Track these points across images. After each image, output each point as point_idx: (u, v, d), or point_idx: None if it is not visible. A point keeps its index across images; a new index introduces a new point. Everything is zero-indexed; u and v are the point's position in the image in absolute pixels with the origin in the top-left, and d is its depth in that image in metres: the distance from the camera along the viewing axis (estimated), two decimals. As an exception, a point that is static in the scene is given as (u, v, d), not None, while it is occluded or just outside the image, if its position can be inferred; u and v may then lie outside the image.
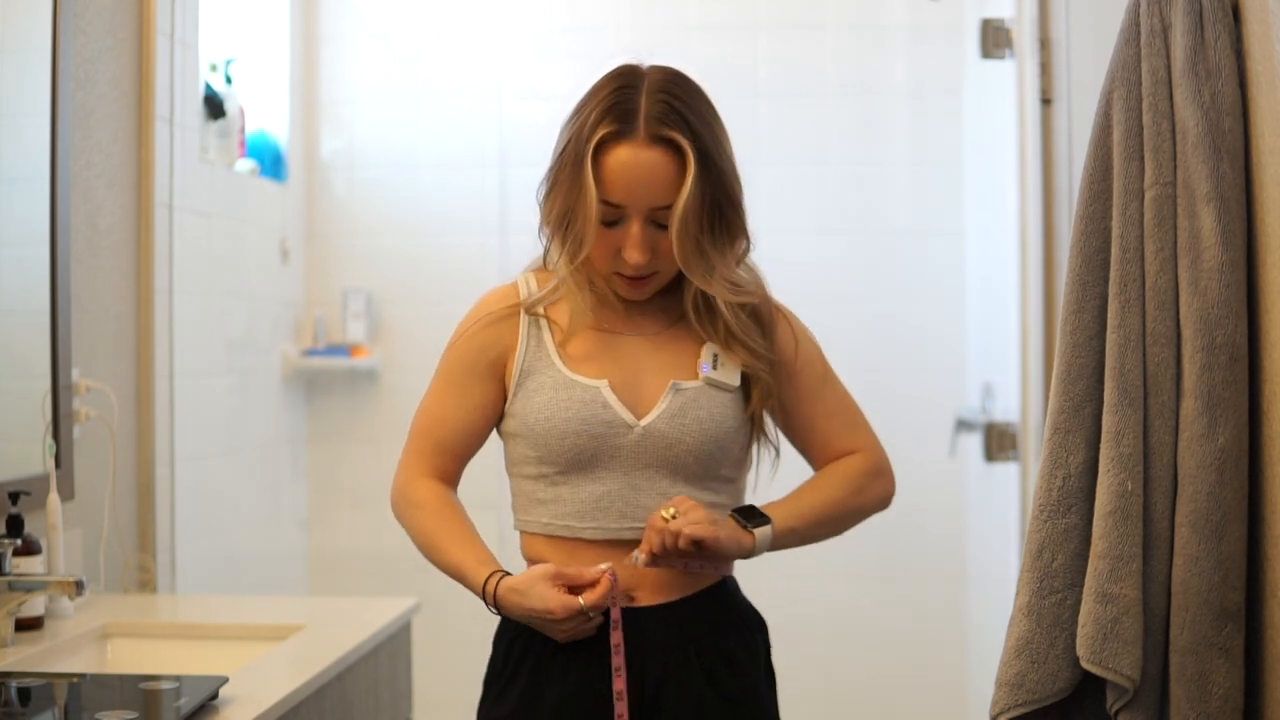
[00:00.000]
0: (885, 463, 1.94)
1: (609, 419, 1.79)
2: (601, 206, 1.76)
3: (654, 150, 1.76)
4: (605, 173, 1.76)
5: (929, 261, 3.82)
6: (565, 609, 1.73)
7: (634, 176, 1.76)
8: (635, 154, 1.76)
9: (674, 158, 1.76)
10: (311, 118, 3.90)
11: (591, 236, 1.77)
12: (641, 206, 1.77)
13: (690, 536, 1.73)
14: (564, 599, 1.73)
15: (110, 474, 2.64)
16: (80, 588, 2.08)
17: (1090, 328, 1.55)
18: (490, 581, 1.77)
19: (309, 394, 3.89)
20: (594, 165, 1.76)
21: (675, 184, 1.76)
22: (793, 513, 1.85)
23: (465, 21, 3.89)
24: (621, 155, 1.76)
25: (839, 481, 1.90)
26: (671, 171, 1.76)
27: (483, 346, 1.86)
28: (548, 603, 1.73)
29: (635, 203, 1.76)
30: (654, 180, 1.76)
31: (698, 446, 1.80)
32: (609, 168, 1.76)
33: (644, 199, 1.76)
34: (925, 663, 3.77)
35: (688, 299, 1.85)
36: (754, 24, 3.86)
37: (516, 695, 1.81)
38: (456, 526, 1.85)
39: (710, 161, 1.77)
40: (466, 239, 3.82)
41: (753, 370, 1.84)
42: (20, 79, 2.42)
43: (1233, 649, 1.46)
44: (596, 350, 1.84)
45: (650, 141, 1.76)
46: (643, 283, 1.82)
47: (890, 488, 1.94)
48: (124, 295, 2.78)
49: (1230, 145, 1.47)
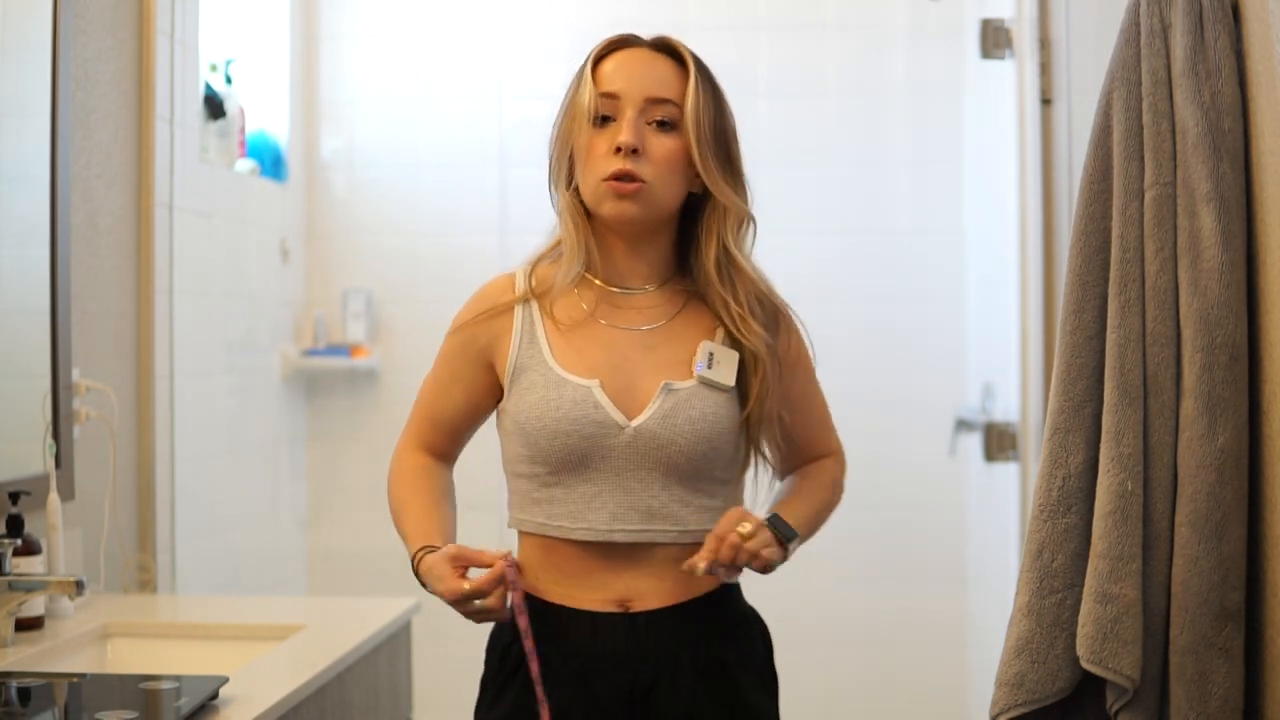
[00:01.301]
0: (845, 463, 1.97)
1: (600, 419, 1.77)
2: (597, 100, 1.77)
3: (655, 53, 1.81)
4: (601, 71, 1.80)
5: (929, 261, 3.82)
6: (451, 593, 1.70)
7: (631, 66, 1.79)
8: (635, 53, 1.81)
9: (675, 64, 1.81)
10: (311, 118, 3.90)
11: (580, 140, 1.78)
12: (636, 94, 1.77)
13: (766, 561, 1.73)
14: (452, 583, 1.70)
15: (110, 474, 2.64)
16: (80, 588, 2.08)
17: (1090, 328, 1.55)
18: (417, 556, 1.77)
19: (309, 394, 3.89)
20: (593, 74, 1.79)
21: (675, 84, 1.79)
22: (803, 519, 1.85)
23: (465, 21, 3.89)
24: (621, 55, 1.81)
25: (824, 490, 1.91)
26: (671, 72, 1.80)
27: (474, 335, 1.86)
28: (442, 584, 1.71)
29: (631, 89, 1.78)
30: (652, 71, 1.79)
31: (689, 447, 1.78)
32: (606, 66, 1.81)
33: (640, 86, 1.78)
34: (925, 663, 3.77)
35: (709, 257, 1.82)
36: (754, 24, 3.87)
37: (510, 702, 1.81)
38: (421, 499, 1.84)
39: (713, 84, 1.81)
40: (466, 239, 3.82)
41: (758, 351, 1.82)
42: (20, 79, 2.41)
43: (1233, 649, 1.46)
44: (589, 347, 1.82)
45: (652, 47, 1.82)
46: (632, 188, 1.76)
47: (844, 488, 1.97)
48: (124, 295, 2.78)
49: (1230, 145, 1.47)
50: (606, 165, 1.76)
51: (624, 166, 1.75)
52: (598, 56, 1.81)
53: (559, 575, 1.81)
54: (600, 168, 1.77)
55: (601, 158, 1.77)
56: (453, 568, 1.71)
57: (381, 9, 3.89)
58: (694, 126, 1.77)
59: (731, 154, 1.83)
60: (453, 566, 1.71)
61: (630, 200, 1.77)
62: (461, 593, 1.69)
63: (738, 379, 1.83)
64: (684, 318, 1.86)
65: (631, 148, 1.75)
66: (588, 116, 1.77)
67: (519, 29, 3.87)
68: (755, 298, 1.84)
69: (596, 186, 1.78)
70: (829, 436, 1.95)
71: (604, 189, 1.77)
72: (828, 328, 2.05)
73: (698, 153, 1.77)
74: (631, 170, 1.76)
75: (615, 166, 1.76)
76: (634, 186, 1.76)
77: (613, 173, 1.76)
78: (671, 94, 1.78)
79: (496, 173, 3.75)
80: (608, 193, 1.77)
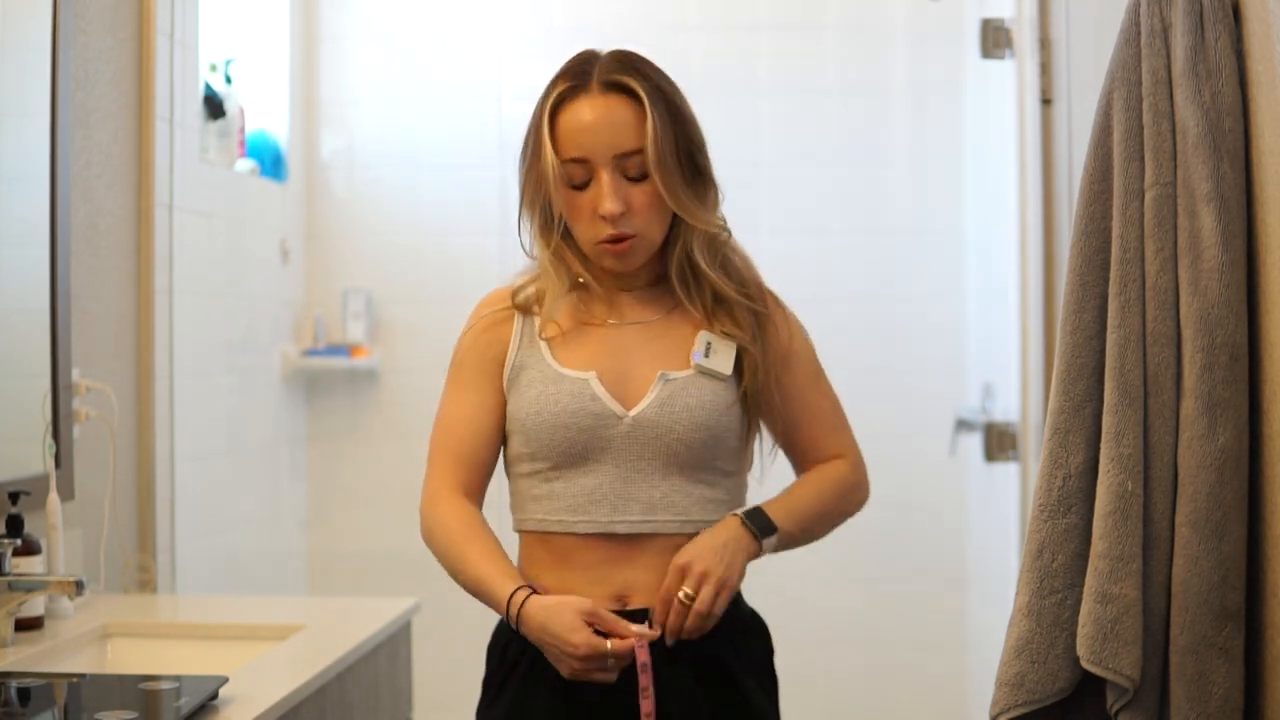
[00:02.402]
0: (864, 469, 1.95)
1: (598, 410, 1.78)
2: (566, 168, 1.76)
3: (609, 96, 1.77)
4: (562, 131, 1.77)
5: (929, 261, 3.82)
6: (590, 647, 1.68)
7: (591, 124, 1.76)
8: (590, 102, 1.77)
9: (631, 102, 1.77)
10: (311, 118, 3.90)
11: (559, 201, 1.77)
12: (605, 154, 1.76)
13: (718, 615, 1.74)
14: (591, 638, 1.69)
15: (110, 474, 2.64)
16: (80, 588, 2.08)
17: (1090, 328, 1.55)
18: (518, 595, 1.73)
19: (309, 394, 3.89)
20: (552, 129, 1.77)
21: (636, 129, 1.76)
22: (792, 517, 1.84)
23: (465, 21, 3.89)
24: (577, 108, 1.77)
25: (830, 488, 1.90)
26: (630, 115, 1.76)
27: (482, 350, 1.87)
28: (574, 634, 1.68)
29: (598, 152, 1.76)
30: (612, 125, 1.76)
31: (688, 435, 1.78)
32: (565, 125, 1.77)
33: (606, 146, 1.76)
34: (925, 663, 3.77)
35: (673, 263, 1.84)
36: (754, 24, 3.86)
37: (509, 700, 1.81)
38: (480, 543, 1.79)
39: (670, 104, 1.78)
40: (466, 239, 3.82)
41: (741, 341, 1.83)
42: (20, 79, 2.41)
43: (1233, 649, 1.46)
44: (588, 343, 1.83)
45: (604, 89, 1.77)
46: (625, 246, 1.79)
47: (866, 495, 1.96)
48: (124, 295, 2.78)
49: (1230, 145, 1.47)
50: (596, 230, 1.78)
51: (613, 232, 1.78)
52: (552, 110, 1.78)
53: (558, 569, 1.81)
54: (590, 232, 1.79)
55: (588, 222, 1.79)
56: (585, 622, 1.70)
57: (381, 9, 3.89)
58: (660, 173, 1.76)
59: (699, 166, 1.82)
60: (583, 618, 1.70)
61: (626, 257, 1.81)
62: (602, 651, 1.68)
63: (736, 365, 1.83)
64: (681, 310, 1.87)
65: (617, 215, 1.76)
66: (561, 183, 1.78)
67: (519, 29, 3.87)
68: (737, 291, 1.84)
69: (592, 248, 1.81)
70: (839, 438, 1.93)
71: (600, 251, 1.80)
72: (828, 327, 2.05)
73: (668, 195, 1.77)
74: (622, 233, 1.78)
75: (606, 232, 1.78)
76: (626, 245, 1.79)
77: (604, 238, 1.78)
78: (636, 142, 1.77)
79: (496, 173, 3.75)
80: (605, 254, 1.80)
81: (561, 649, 1.70)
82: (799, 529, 1.86)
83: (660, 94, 1.78)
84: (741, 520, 1.80)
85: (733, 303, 1.84)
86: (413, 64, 3.89)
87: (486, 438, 1.85)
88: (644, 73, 1.79)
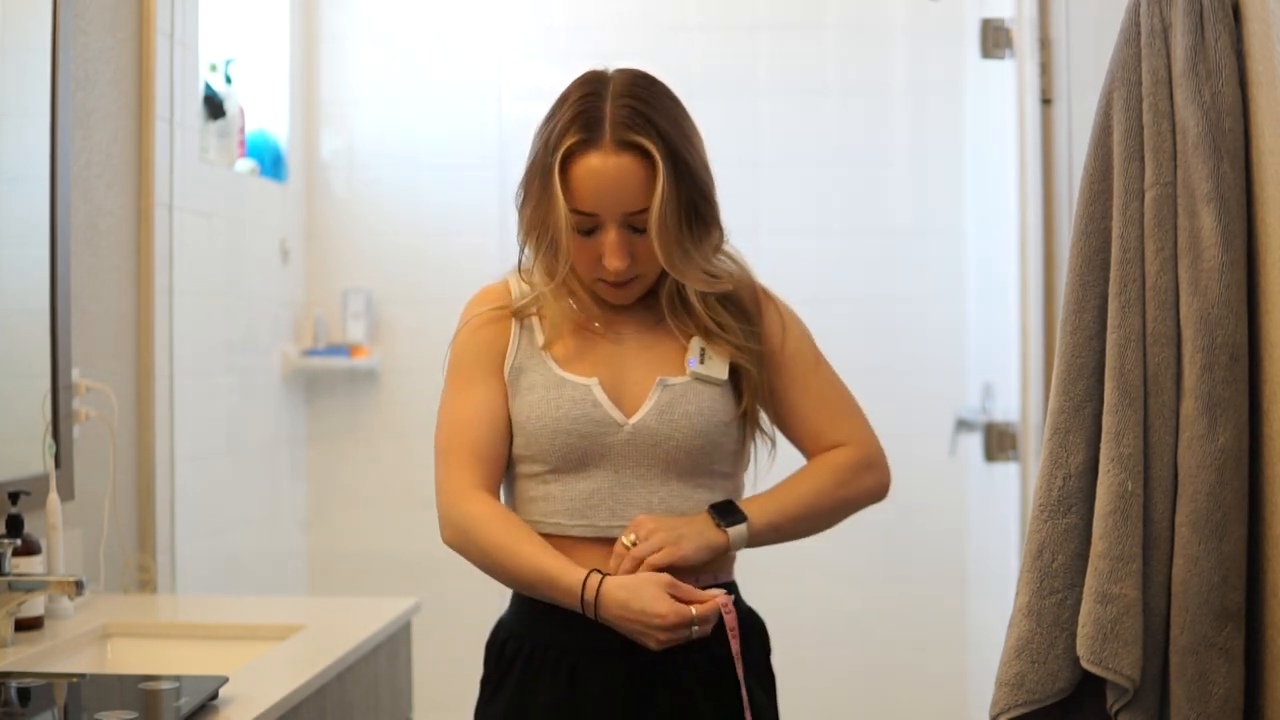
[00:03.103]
0: (877, 454, 1.92)
1: (599, 418, 1.79)
2: (574, 216, 1.76)
3: (621, 156, 1.75)
4: (574, 183, 1.76)
5: (929, 261, 3.82)
6: (677, 614, 1.69)
7: (603, 185, 1.75)
8: (603, 161, 1.75)
9: (643, 162, 1.75)
10: (311, 118, 3.90)
11: (567, 248, 1.78)
12: (615, 213, 1.76)
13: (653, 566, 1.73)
14: (677, 605, 1.70)
15: (110, 474, 2.64)
16: (80, 588, 2.08)
17: (1090, 328, 1.55)
18: (592, 579, 1.72)
19: (309, 394, 3.89)
20: (562, 176, 1.76)
21: (646, 188, 1.75)
22: (774, 508, 1.83)
23: (465, 21, 3.89)
24: (590, 164, 1.75)
25: (824, 475, 1.88)
26: (641, 176, 1.75)
27: (482, 346, 1.86)
28: (659, 605, 1.69)
29: (608, 210, 1.76)
30: (623, 186, 1.75)
31: (687, 442, 1.79)
32: (577, 177, 1.76)
33: (616, 205, 1.76)
34: (925, 663, 3.77)
35: (663, 297, 1.85)
36: (754, 24, 3.86)
37: (508, 697, 1.82)
38: (530, 537, 1.77)
39: (680, 161, 1.76)
40: (466, 239, 3.82)
41: (738, 362, 1.84)
42: (20, 79, 2.41)
43: (1233, 649, 1.46)
44: (585, 349, 1.84)
45: (617, 148, 1.75)
46: (626, 288, 1.82)
47: (884, 479, 1.92)
48: (124, 295, 2.78)
49: (1230, 145, 1.47)
50: (598, 271, 1.80)
51: (616, 279, 1.80)
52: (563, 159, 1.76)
53: None
54: (593, 273, 1.81)
55: (590, 265, 1.80)
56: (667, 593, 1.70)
57: (381, 9, 3.89)
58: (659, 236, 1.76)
59: (702, 214, 1.81)
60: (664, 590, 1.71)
61: (625, 293, 1.83)
62: (690, 618, 1.69)
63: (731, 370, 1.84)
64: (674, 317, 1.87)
65: (622, 270, 1.78)
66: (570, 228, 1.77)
67: (519, 29, 3.87)
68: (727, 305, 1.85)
69: (593, 284, 1.84)
70: (844, 424, 1.91)
71: (601, 288, 1.83)
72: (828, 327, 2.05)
73: (662, 255, 1.77)
74: (625, 280, 1.81)
75: (609, 278, 1.80)
76: (625, 288, 1.82)
77: (610, 281, 1.81)
78: (645, 202, 1.76)
79: (496, 173, 3.75)
80: (605, 290, 1.83)
81: (648, 623, 1.69)
82: (787, 519, 1.84)
83: (672, 152, 1.76)
84: (708, 510, 1.81)
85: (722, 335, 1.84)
86: (413, 64, 3.89)
87: (500, 433, 1.83)
88: (657, 125, 1.76)
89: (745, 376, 1.85)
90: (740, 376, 1.85)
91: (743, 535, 1.80)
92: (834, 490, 1.88)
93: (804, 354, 1.90)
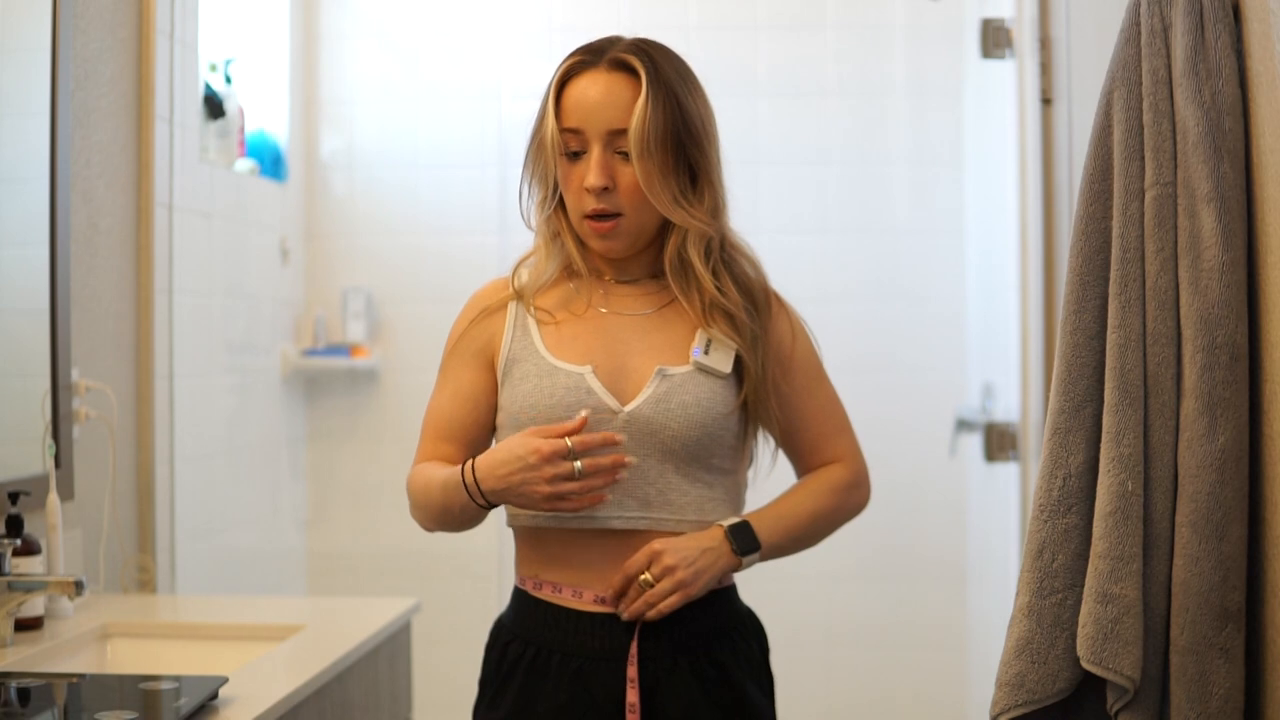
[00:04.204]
0: (865, 472, 1.94)
1: (594, 405, 1.77)
2: (563, 135, 1.78)
3: (613, 74, 1.79)
4: (565, 102, 1.80)
5: (929, 261, 3.81)
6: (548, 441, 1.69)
7: (589, 98, 1.78)
8: (594, 78, 1.80)
9: (632, 82, 1.79)
10: (311, 118, 3.90)
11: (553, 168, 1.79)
12: (598, 129, 1.78)
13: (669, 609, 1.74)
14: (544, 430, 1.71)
15: (110, 474, 2.64)
16: (80, 588, 2.08)
17: (1090, 328, 1.55)
18: (466, 466, 1.74)
19: (309, 394, 3.89)
20: (558, 97, 1.80)
21: (632, 109, 1.77)
22: (781, 528, 1.84)
23: (465, 21, 3.89)
24: (581, 82, 1.80)
25: (824, 495, 1.89)
26: (628, 97, 1.78)
27: (471, 338, 1.87)
28: (527, 444, 1.69)
29: (592, 124, 1.78)
30: (609, 102, 1.78)
31: (684, 433, 1.78)
32: (569, 96, 1.80)
33: (600, 121, 1.78)
34: (925, 663, 3.77)
35: (666, 257, 1.84)
36: (754, 24, 3.86)
37: (510, 701, 1.81)
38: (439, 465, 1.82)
39: (671, 93, 1.78)
40: (466, 239, 3.82)
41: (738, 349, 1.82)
42: (20, 79, 2.41)
43: (1233, 649, 1.46)
44: (584, 335, 1.83)
45: (610, 67, 1.80)
46: (610, 226, 1.79)
47: (866, 496, 1.95)
48: (124, 295, 2.78)
49: (1230, 145, 1.47)
50: (583, 202, 1.79)
51: (597, 206, 1.78)
52: (561, 80, 1.81)
53: (552, 565, 1.81)
54: (578, 204, 1.80)
55: (576, 193, 1.80)
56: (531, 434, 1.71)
57: (381, 9, 3.89)
58: (638, 156, 1.76)
59: (694, 162, 1.81)
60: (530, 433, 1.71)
61: (610, 237, 1.81)
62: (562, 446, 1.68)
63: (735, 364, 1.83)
64: (677, 305, 1.86)
65: (600, 188, 1.77)
66: (559, 150, 1.79)
67: (519, 29, 3.86)
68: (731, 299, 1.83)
69: (580, 224, 1.82)
70: (839, 441, 1.92)
71: (585, 227, 1.81)
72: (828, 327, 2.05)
73: (642, 179, 1.76)
74: (605, 209, 1.78)
75: (590, 205, 1.78)
76: (611, 224, 1.80)
77: (589, 212, 1.79)
78: (629, 122, 1.77)
79: (496, 173, 3.75)
80: (590, 232, 1.81)
81: (524, 465, 1.69)
82: (789, 539, 1.85)
83: (662, 82, 1.78)
84: (726, 535, 1.79)
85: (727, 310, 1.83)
86: (413, 64, 3.89)
87: (475, 424, 1.86)
88: (655, 59, 1.80)
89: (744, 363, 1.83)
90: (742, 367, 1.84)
91: (753, 562, 1.81)
92: (832, 513, 1.90)
93: (811, 364, 1.90)
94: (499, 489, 1.72)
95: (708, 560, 1.76)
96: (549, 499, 1.70)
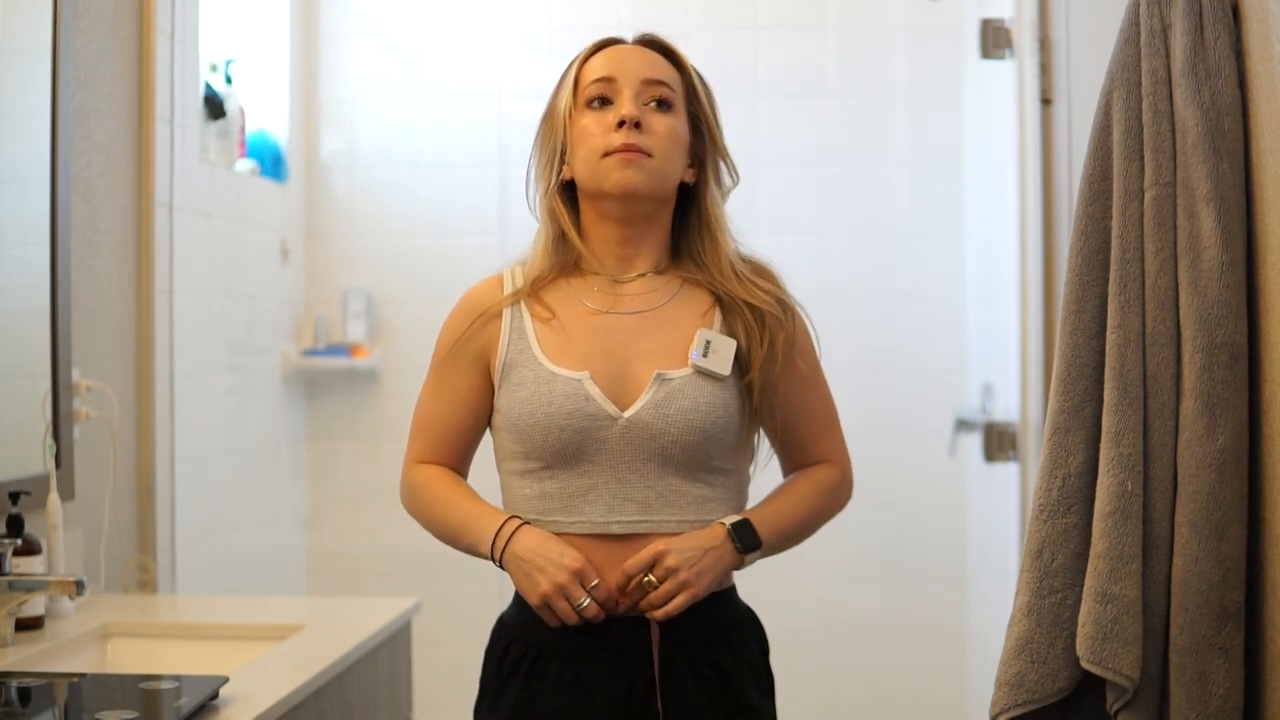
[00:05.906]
0: (851, 473, 1.95)
1: (592, 412, 1.76)
2: (588, 89, 1.82)
3: (643, 47, 1.87)
4: (591, 64, 1.85)
5: (929, 261, 3.82)
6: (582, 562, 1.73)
7: (623, 52, 1.85)
8: (623, 46, 1.87)
9: (664, 56, 1.86)
10: (311, 118, 3.90)
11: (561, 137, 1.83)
12: (634, 76, 1.82)
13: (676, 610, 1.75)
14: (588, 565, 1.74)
15: (110, 474, 2.64)
16: (80, 588, 2.08)
17: (1090, 328, 1.55)
18: (511, 522, 1.77)
19: (309, 394, 3.89)
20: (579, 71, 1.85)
21: (668, 69, 1.85)
22: (779, 527, 1.84)
23: (465, 21, 3.89)
24: (608, 50, 1.86)
25: (815, 495, 1.89)
26: (661, 60, 1.85)
27: (464, 340, 1.86)
28: (572, 554, 1.73)
29: (626, 73, 1.82)
30: (643, 58, 1.84)
31: (683, 437, 1.76)
32: (596, 60, 1.85)
33: (634, 70, 1.82)
34: (925, 663, 3.77)
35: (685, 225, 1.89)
36: (754, 24, 3.87)
37: (510, 704, 1.81)
38: (465, 490, 1.86)
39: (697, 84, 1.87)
40: (466, 239, 3.82)
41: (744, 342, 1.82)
42: (20, 79, 2.42)
43: (1232, 649, 1.46)
44: (581, 338, 1.81)
45: (639, 43, 1.87)
46: (636, 155, 1.79)
47: (849, 496, 1.95)
48: (124, 295, 2.78)
49: (1230, 145, 1.47)
50: (608, 141, 1.80)
51: (628, 140, 1.79)
52: (585, 57, 1.86)
53: None
54: (601, 144, 1.80)
55: (601, 135, 1.80)
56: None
57: (381, 9, 3.89)
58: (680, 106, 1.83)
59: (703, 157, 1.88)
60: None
61: (636, 168, 1.79)
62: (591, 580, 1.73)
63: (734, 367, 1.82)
64: (679, 302, 1.85)
65: (635, 120, 1.79)
66: (583, 101, 1.82)
67: (519, 29, 3.87)
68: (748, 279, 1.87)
69: (599, 163, 1.80)
70: (831, 441, 1.92)
71: (608, 162, 1.80)
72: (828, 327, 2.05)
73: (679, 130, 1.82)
74: (636, 144, 1.79)
75: (620, 140, 1.79)
76: (638, 155, 1.80)
77: (617, 146, 1.79)
78: (666, 77, 1.84)
79: (496, 173, 3.75)
80: (614, 163, 1.79)
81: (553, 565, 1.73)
82: (783, 539, 1.86)
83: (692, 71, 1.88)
84: (729, 533, 1.79)
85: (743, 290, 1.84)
86: (413, 64, 3.89)
87: (461, 426, 1.87)
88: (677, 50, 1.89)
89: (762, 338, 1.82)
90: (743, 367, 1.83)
91: (754, 559, 1.82)
92: (821, 514, 1.91)
93: (809, 361, 1.90)
94: (516, 560, 1.76)
95: (711, 560, 1.76)
96: (543, 597, 1.74)
